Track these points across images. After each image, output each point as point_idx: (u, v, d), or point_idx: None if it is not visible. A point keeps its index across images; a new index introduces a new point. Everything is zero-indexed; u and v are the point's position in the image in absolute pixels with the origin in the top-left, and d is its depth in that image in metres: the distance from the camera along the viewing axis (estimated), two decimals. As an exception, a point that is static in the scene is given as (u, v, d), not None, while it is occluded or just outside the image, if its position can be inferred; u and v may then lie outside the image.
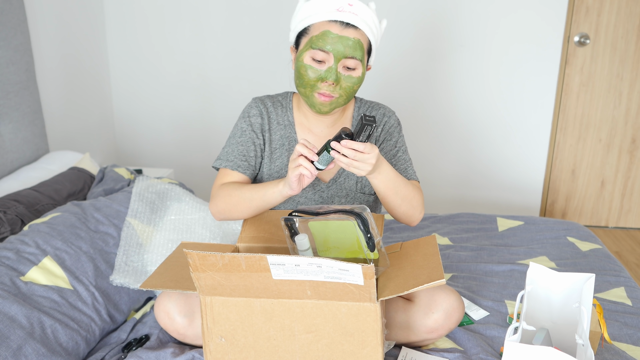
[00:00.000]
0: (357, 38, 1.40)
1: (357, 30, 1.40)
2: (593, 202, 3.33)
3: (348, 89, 1.43)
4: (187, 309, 1.39)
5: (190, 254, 1.12)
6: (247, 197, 1.43)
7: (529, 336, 1.27)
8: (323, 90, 1.42)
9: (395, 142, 1.58)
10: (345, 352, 1.20)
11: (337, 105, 1.46)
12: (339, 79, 1.41)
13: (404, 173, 1.55)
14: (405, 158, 1.58)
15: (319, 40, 1.39)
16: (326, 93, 1.42)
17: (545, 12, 2.97)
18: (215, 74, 3.19)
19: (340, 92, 1.43)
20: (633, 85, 3.12)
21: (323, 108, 1.45)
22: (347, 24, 1.39)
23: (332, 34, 1.38)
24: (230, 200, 1.45)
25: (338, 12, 1.39)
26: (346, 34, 1.39)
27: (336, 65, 1.40)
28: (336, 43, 1.38)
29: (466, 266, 1.90)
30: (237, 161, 1.52)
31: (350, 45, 1.39)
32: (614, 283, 1.79)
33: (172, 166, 3.36)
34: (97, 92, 3.08)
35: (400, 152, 1.57)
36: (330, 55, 1.39)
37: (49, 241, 1.53)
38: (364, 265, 1.07)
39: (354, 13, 1.39)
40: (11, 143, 2.21)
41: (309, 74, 1.41)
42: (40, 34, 2.51)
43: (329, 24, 1.39)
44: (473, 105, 3.14)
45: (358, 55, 1.40)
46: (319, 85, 1.42)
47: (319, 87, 1.42)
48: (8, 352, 1.23)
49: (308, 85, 1.43)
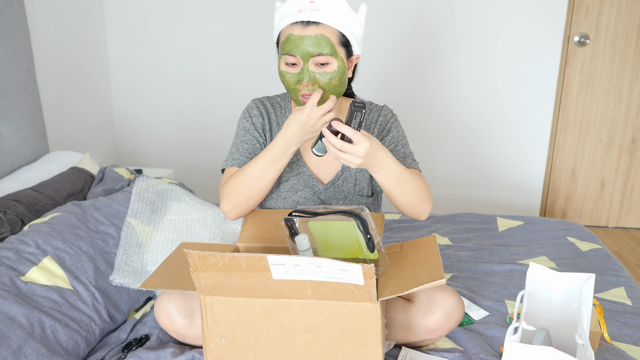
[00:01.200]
0: (320, 33, 1.39)
1: (320, 25, 1.40)
2: (593, 202, 3.33)
3: (326, 85, 1.43)
4: (187, 309, 1.39)
5: (190, 254, 1.12)
6: (252, 174, 1.44)
7: (529, 336, 1.27)
8: (304, 92, 1.43)
9: (393, 136, 1.57)
10: (345, 352, 1.20)
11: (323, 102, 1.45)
12: (313, 77, 1.41)
13: (403, 164, 1.53)
14: (405, 150, 1.56)
15: (285, 45, 1.41)
16: (307, 93, 1.43)
17: (545, 12, 2.97)
18: (215, 74, 3.19)
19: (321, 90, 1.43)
20: (633, 85, 3.12)
21: None
22: (307, 22, 1.39)
23: (294, 36, 1.39)
24: (239, 189, 1.44)
25: (299, 12, 1.40)
26: (307, 33, 1.39)
27: (307, 65, 1.41)
28: (299, 44, 1.39)
29: (466, 266, 1.90)
30: (243, 159, 1.52)
31: (313, 44, 1.39)
32: (614, 283, 1.79)
33: (172, 166, 3.36)
34: (97, 92, 3.08)
35: (400, 145, 1.57)
36: (297, 57, 1.40)
37: (49, 241, 1.53)
38: (364, 265, 1.07)
39: (315, 9, 1.40)
40: (11, 143, 2.21)
41: (287, 79, 1.44)
42: (40, 34, 2.51)
43: (291, 27, 1.41)
44: (473, 105, 3.14)
45: (325, 50, 1.40)
46: (299, 87, 1.43)
47: (299, 90, 1.43)
48: (8, 352, 1.23)
49: (290, 90, 1.45)
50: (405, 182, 1.40)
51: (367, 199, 1.58)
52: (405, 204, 1.45)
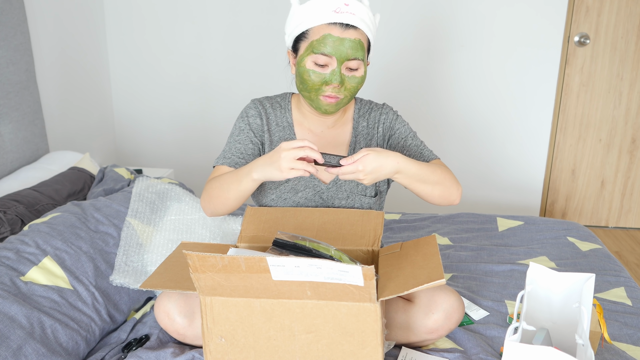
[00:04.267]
0: (358, 38, 1.39)
1: (357, 30, 1.39)
2: (593, 202, 3.33)
3: (352, 89, 1.44)
4: (187, 309, 1.39)
5: (189, 255, 1.11)
6: (225, 187, 1.41)
7: (529, 336, 1.27)
8: (328, 93, 1.42)
9: (399, 133, 1.57)
10: (345, 353, 1.20)
11: (343, 104, 1.47)
12: (343, 80, 1.41)
13: (420, 157, 1.52)
14: (417, 143, 1.55)
15: (320, 44, 1.38)
16: (332, 95, 1.42)
17: (545, 12, 2.97)
18: (215, 74, 3.19)
19: (345, 93, 1.43)
20: (633, 85, 3.12)
21: (330, 109, 1.45)
22: (347, 25, 1.38)
23: (333, 37, 1.38)
24: (212, 193, 1.44)
25: (336, 13, 1.38)
26: (347, 36, 1.38)
27: (339, 68, 1.39)
28: (338, 46, 1.37)
29: (466, 266, 1.90)
30: (235, 158, 1.52)
31: (352, 47, 1.38)
32: (614, 283, 1.79)
33: (172, 166, 3.36)
34: (97, 92, 3.08)
35: (409, 139, 1.56)
36: (333, 58, 1.39)
37: (49, 241, 1.53)
38: (364, 266, 1.07)
39: (351, 13, 1.38)
40: (11, 143, 2.21)
41: (312, 79, 1.41)
42: (40, 34, 2.51)
43: (329, 27, 1.38)
44: (473, 105, 3.14)
45: (360, 56, 1.40)
46: (324, 88, 1.42)
47: (324, 90, 1.42)
48: (8, 352, 1.23)
49: (313, 90, 1.43)
50: (427, 177, 1.39)
51: (370, 199, 1.57)
52: (432, 196, 1.43)
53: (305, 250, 1.29)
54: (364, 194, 1.56)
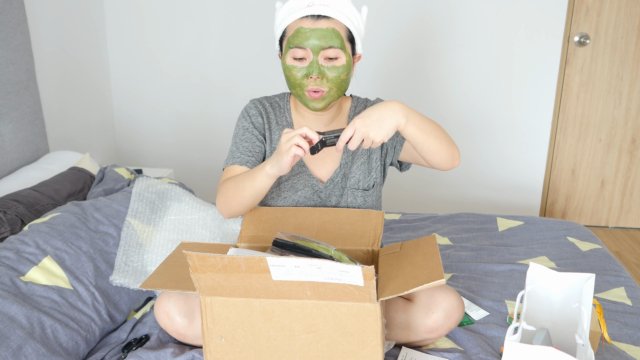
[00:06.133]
0: (331, 27, 1.41)
1: (330, 19, 1.41)
2: (593, 202, 3.33)
3: (335, 80, 1.43)
4: (187, 309, 1.39)
5: (189, 255, 1.11)
6: (240, 186, 1.43)
7: (529, 336, 1.27)
8: (311, 87, 1.43)
9: None
10: (345, 352, 1.20)
11: (330, 98, 1.46)
12: (322, 71, 1.42)
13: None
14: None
15: (294, 38, 1.41)
16: (314, 88, 1.43)
17: (545, 12, 2.97)
18: (215, 75, 3.19)
19: (330, 85, 1.44)
20: (633, 85, 3.12)
21: (317, 105, 1.46)
22: (318, 16, 1.40)
23: (304, 29, 1.40)
24: (228, 193, 1.46)
25: (308, 7, 1.41)
26: (319, 26, 1.40)
27: (316, 59, 1.41)
28: (310, 37, 1.39)
29: (466, 266, 1.90)
30: (244, 157, 1.53)
31: (324, 36, 1.40)
32: (614, 283, 1.79)
33: (172, 166, 3.36)
34: (97, 92, 3.08)
35: None
36: (307, 50, 1.41)
37: (49, 241, 1.53)
38: (364, 267, 1.07)
39: (324, 5, 1.41)
40: (11, 143, 2.21)
41: (293, 74, 1.43)
42: (40, 34, 2.51)
43: (301, 20, 1.41)
44: (473, 105, 3.14)
45: (336, 44, 1.41)
46: (306, 82, 1.43)
47: (306, 85, 1.43)
48: (8, 352, 1.23)
49: (297, 86, 1.44)
50: (432, 129, 1.37)
51: (363, 192, 1.58)
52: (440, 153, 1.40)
53: (305, 250, 1.29)
54: (357, 187, 1.57)
